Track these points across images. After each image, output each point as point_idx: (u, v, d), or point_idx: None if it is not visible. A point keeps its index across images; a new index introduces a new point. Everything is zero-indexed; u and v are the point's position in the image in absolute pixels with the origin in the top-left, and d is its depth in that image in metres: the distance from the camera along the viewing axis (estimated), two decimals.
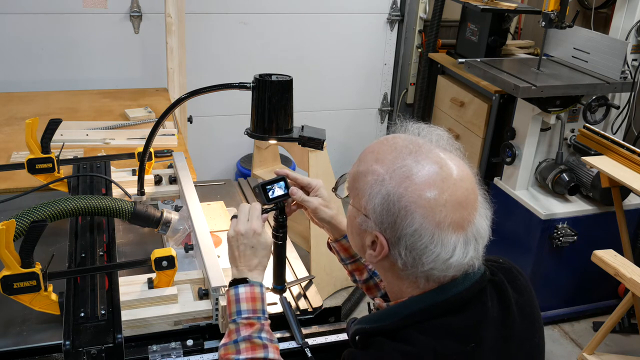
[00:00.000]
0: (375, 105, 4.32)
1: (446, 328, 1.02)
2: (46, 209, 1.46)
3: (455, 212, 1.00)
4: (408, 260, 1.01)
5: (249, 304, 1.22)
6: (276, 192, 1.39)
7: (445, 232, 0.99)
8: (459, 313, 1.03)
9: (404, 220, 0.99)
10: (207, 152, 3.89)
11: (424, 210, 0.98)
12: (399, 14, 4.08)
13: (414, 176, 1.00)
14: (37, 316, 1.36)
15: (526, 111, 3.04)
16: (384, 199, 1.01)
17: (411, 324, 1.03)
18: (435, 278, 1.03)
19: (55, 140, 1.84)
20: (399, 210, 0.99)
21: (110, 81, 3.49)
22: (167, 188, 1.89)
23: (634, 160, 2.65)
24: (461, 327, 1.03)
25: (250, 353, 1.17)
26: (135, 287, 1.41)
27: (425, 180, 1.00)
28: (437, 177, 1.01)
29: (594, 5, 3.50)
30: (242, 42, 3.79)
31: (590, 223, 3.04)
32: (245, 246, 1.28)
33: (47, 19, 3.39)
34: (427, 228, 0.98)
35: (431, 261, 1.00)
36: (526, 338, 1.11)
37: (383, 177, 1.02)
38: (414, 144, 1.05)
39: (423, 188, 0.99)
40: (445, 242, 0.99)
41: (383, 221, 1.02)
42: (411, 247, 1.00)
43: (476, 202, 1.04)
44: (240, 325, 1.20)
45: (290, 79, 1.48)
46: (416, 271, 1.02)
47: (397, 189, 1.00)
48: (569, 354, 3.02)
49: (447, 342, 1.00)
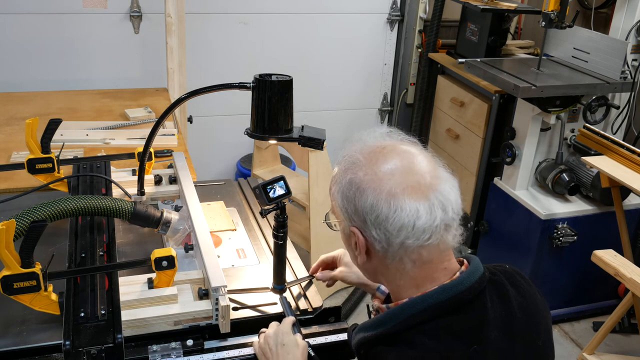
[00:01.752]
0: (375, 105, 4.32)
1: (449, 329, 1.02)
2: (46, 209, 1.46)
3: (406, 178, 1.03)
4: (382, 238, 1.03)
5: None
6: (277, 191, 1.39)
7: (401, 198, 1.01)
8: (460, 314, 1.03)
9: (360, 199, 1.04)
10: (207, 152, 3.89)
11: (373, 184, 1.03)
12: (399, 14, 4.08)
13: (357, 160, 1.07)
14: (37, 316, 1.36)
15: (526, 111, 3.04)
16: (342, 192, 1.08)
17: (413, 326, 1.03)
18: (415, 251, 1.03)
19: (55, 140, 1.84)
20: (354, 194, 1.05)
21: (110, 81, 3.49)
22: (167, 188, 1.89)
23: (634, 160, 2.65)
24: (464, 328, 1.02)
25: None
26: (135, 287, 1.41)
27: (369, 160, 1.06)
28: (379, 154, 1.06)
29: (594, 5, 3.50)
30: (242, 42, 3.79)
31: (590, 223, 3.04)
32: (275, 345, 1.26)
33: (47, 19, 3.39)
34: (380, 198, 1.02)
35: (398, 228, 1.01)
36: (530, 340, 1.10)
37: (336, 179, 1.10)
38: (359, 144, 1.11)
39: (368, 165, 1.05)
40: (404, 206, 1.01)
41: (348, 211, 1.07)
42: (376, 222, 1.03)
43: (434, 170, 1.06)
44: None
45: (290, 79, 1.48)
46: (394, 249, 1.03)
47: (345, 178, 1.07)
48: (569, 354, 3.02)
49: (451, 344, 1.00)
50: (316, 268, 1.55)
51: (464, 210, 1.09)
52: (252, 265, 1.66)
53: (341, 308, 1.50)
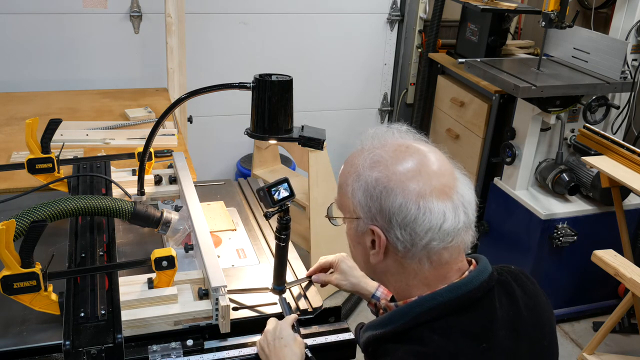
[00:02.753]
0: (375, 105, 4.32)
1: (458, 327, 1.02)
2: (46, 209, 1.46)
3: (433, 180, 1.02)
4: (406, 239, 1.02)
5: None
6: (281, 193, 1.38)
7: (429, 199, 1.01)
8: (470, 312, 1.04)
9: (387, 199, 1.02)
10: (207, 152, 3.89)
11: (402, 185, 1.01)
12: (399, 14, 4.08)
13: (383, 159, 1.05)
14: (37, 316, 1.36)
15: (526, 111, 3.04)
16: (364, 189, 1.05)
17: (423, 323, 1.03)
18: (437, 254, 1.03)
19: (55, 140, 1.84)
20: (380, 193, 1.03)
21: (110, 81, 3.49)
22: (167, 188, 1.89)
23: (634, 160, 2.65)
24: (473, 327, 1.03)
25: None
26: (135, 287, 1.41)
27: (395, 158, 1.04)
28: (405, 154, 1.05)
29: (594, 5, 3.50)
30: (242, 42, 3.79)
31: (590, 223, 3.04)
32: (273, 339, 1.27)
33: (47, 19, 3.39)
34: (410, 200, 1.01)
35: (426, 230, 1.01)
36: (536, 340, 1.10)
37: (357, 174, 1.07)
38: (379, 140, 1.10)
39: (395, 165, 1.03)
40: (432, 209, 1.01)
41: (371, 210, 1.04)
42: (403, 223, 1.02)
43: (453, 172, 1.06)
44: None
45: (290, 79, 1.48)
46: (417, 250, 1.03)
47: (371, 175, 1.04)
48: (569, 354, 3.02)
49: (461, 342, 1.01)
50: (314, 271, 1.56)
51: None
52: (252, 265, 1.66)
53: (341, 308, 1.50)
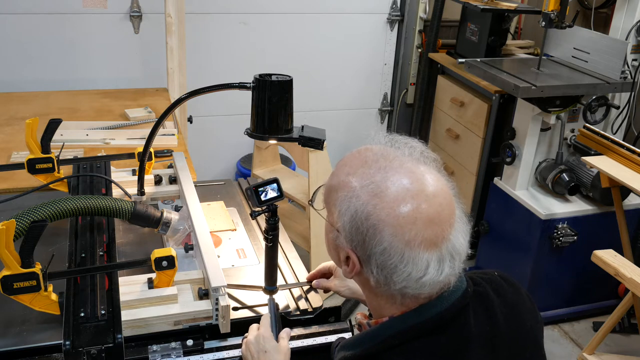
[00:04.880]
0: (375, 105, 4.32)
1: (427, 350, 0.99)
2: (46, 209, 1.46)
3: (427, 229, 0.96)
4: (380, 279, 0.98)
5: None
6: (269, 194, 1.39)
7: (416, 250, 0.95)
8: (439, 334, 1.00)
9: (373, 239, 0.96)
10: (207, 152, 3.89)
11: (392, 229, 0.95)
12: (399, 14, 4.08)
13: (382, 193, 0.97)
14: (37, 316, 1.36)
15: (526, 111, 3.04)
16: (352, 216, 0.99)
17: (390, 347, 1.00)
18: (411, 296, 1.00)
19: (55, 140, 1.84)
20: (367, 229, 0.97)
21: (110, 81, 3.49)
22: (167, 188, 1.89)
23: (634, 160, 2.66)
24: (444, 350, 1.00)
25: None
26: (135, 287, 1.41)
27: (394, 197, 0.97)
28: (407, 194, 0.97)
29: (594, 5, 3.50)
30: (242, 42, 3.79)
31: (590, 223, 3.04)
32: (257, 352, 1.25)
33: (47, 19, 3.39)
34: (396, 247, 0.95)
35: (402, 280, 0.97)
36: (516, 354, 1.08)
37: (352, 194, 1.00)
38: (385, 158, 1.02)
39: (392, 206, 0.96)
40: (416, 260, 0.96)
41: (353, 239, 0.99)
42: (382, 265, 0.97)
43: (452, 218, 1.00)
44: None
45: (290, 79, 1.48)
46: (389, 289, 0.99)
47: (365, 206, 0.97)
48: (569, 354, 3.02)
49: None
50: (314, 275, 1.54)
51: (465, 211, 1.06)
52: (252, 265, 1.66)
53: (341, 308, 1.50)
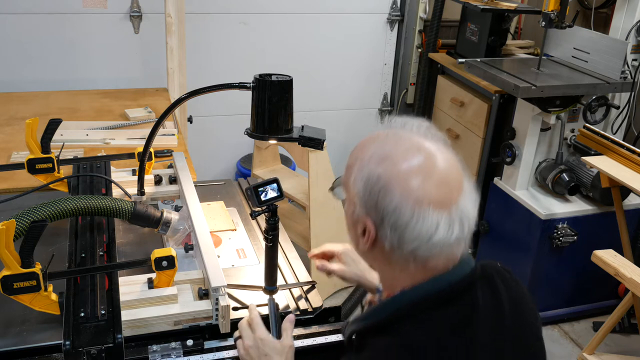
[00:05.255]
0: (375, 105, 4.32)
1: (440, 320, 1.03)
2: (46, 209, 1.46)
3: (435, 190, 1.00)
4: (394, 240, 1.02)
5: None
6: (269, 194, 1.39)
7: (426, 208, 0.99)
8: (451, 305, 1.04)
9: (384, 198, 1.01)
10: (207, 152, 3.89)
11: (402, 188, 1.00)
12: (399, 14, 4.08)
13: (391, 157, 1.03)
14: (37, 316, 1.36)
15: (526, 111, 3.04)
16: (365, 182, 1.04)
17: (403, 316, 1.04)
18: (423, 260, 1.03)
19: (55, 140, 1.84)
20: (379, 190, 1.02)
21: (110, 81, 3.49)
22: (167, 188, 1.89)
23: (634, 160, 2.66)
24: (455, 319, 1.03)
25: None
26: (135, 287, 1.41)
27: (403, 159, 1.02)
28: (415, 156, 1.03)
29: (594, 5, 3.50)
30: (242, 42, 3.79)
31: (590, 223, 3.04)
32: (259, 357, 1.25)
33: (47, 19, 3.39)
34: (406, 204, 0.99)
35: (414, 239, 1.00)
36: (519, 338, 1.11)
37: (364, 164, 1.05)
38: (394, 134, 1.08)
39: (400, 167, 1.01)
40: (426, 218, 0.99)
41: (367, 203, 1.03)
42: (394, 225, 1.01)
43: (460, 184, 1.04)
44: None
45: (290, 79, 1.48)
46: (402, 252, 1.03)
47: (376, 169, 1.03)
48: (569, 354, 3.02)
49: (440, 334, 1.01)
50: (317, 256, 1.55)
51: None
52: (252, 265, 1.66)
53: (341, 308, 1.50)
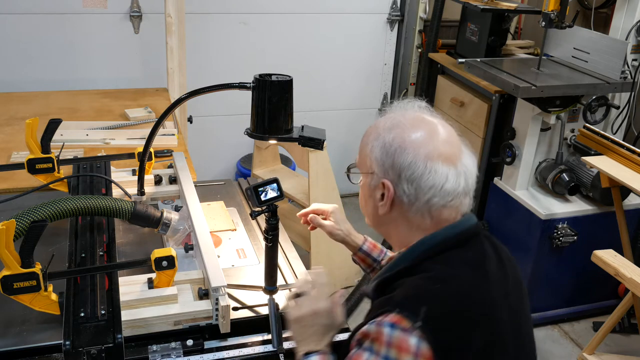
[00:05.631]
0: (375, 105, 4.32)
1: (457, 259, 1.18)
2: (46, 209, 1.46)
3: (442, 146, 1.18)
4: (412, 193, 1.18)
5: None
6: (269, 194, 1.39)
7: (436, 162, 1.17)
8: (464, 249, 1.20)
9: (400, 157, 1.18)
10: (207, 152, 3.89)
11: (414, 145, 1.18)
12: (399, 14, 4.08)
13: (401, 123, 1.21)
14: (37, 316, 1.36)
15: (526, 111, 3.04)
16: (381, 147, 1.21)
17: (426, 258, 1.18)
18: (436, 210, 1.19)
19: (55, 140, 1.84)
20: (394, 150, 1.18)
21: (110, 81, 3.49)
22: (167, 188, 1.89)
23: (634, 160, 2.66)
24: (470, 258, 1.19)
25: None
26: (135, 287, 1.41)
27: (412, 125, 1.21)
28: (421, 122, 1.22)
29: (594, 5, 3.50)
30: (242, 42, 3.79)
31: (590, 223, 3.04)
32: (321, 324, 1.30)
33: (46, 19, 3.39)
34: (419, 159, 1.17)
35: (429, 188, 1.17)
36: (518, 285, 1.26)
37: (377, 134, 1.23)
38: (400, 109, 1.27)
39: (410, 130, 1.20)
40: (437, 170, 1.16)
41: (384, 165, 1.20)
42: (410, 178, 1.17)
43: (460, 146, 1.22)
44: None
45: (290, 79, 1.49)
46: (420, 204, 1.18)
47: (389, 135, 1.20)
48: (569, 354, 3.02)
49: (461, 269, 1.17)
50: (307, 213, 1.64)
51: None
52: (252, 265, 1.66)
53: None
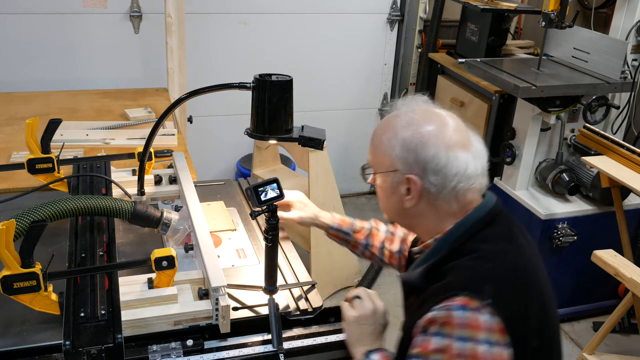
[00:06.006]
0: (375, 105, 4.32)
1: (493, 234, 1.27)
2: (46, 209, 1.46)
3: (455, 134, 1.27)
4: (438, 183, 1.25)
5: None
6: (269, 194, 1.39)
7: (455, 150, 1.25)
8: (495, 224, 1.29)
9: (423, 151, 1.25)
10: (207, 152, 3.89)
11: (433, 138, 1.26)
12: (399, 14, 4.08)
13: (415, 119, 1.29)
14: (37, 316, 1.36)
15: (526, 111, 3.04)
16: (402, 145, 1.27)
17: (465, 240, 1.26)
18: (462, 195, 1.27)
19: (55, 140, 1.84)
20: (416, 146, 1.26)
21: (110, 81, 3.49)
22: (167, 188, 1.89)
23: (634, 160, 2.66)
24: (503, 233, 1.29)
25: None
26: (135, 287, 1.41)
27: (424, 120, 1.29)
28: (432, 115, 1.31)
29: (594, 5, 3.50)
30: (242, 42, 3.79)
31: (590, 223, 3.04)
32: (379, 324, 1.40)
33: (47, 19, 3.39)
34: (441, 150, 1.25)
35: (454, 175, 1.25)
36: (538, 255, 1.34)
37: (393, 133, 1.29)
38: (406, 106, 1.35)
39: (425, 125, 1.28)
40: (458, 157, 1.25)
41: (408, 161, 1.27)
42: (436, 169, 1.25)
43: (467, 131, 1.32)
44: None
45: (290, 79, 1.48)
46: (447, 192, 1.26)
47: (407, 133, 1.28)
48: (569, 354, 3.02)
49: (500, 244, 1.26)
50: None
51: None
52: (252, 265, 1.66)
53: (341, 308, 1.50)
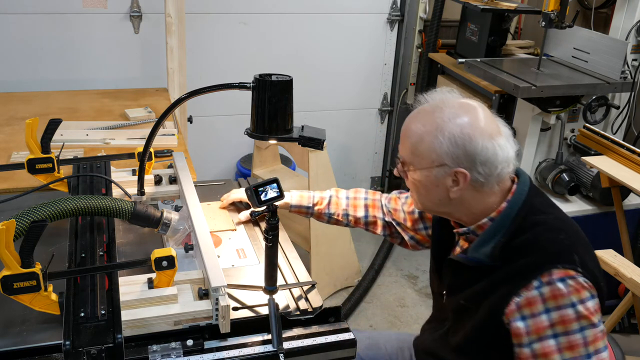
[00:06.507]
0: (375, 105, 4.32)
1: (545, 203, 1.41)
2: (46, 209, 1.46)
3: (491, 125, 1.36)
4: (486, 172, 1.34)
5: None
6: (269, 194, 1.39)
7: (497, 138, 1.34)
8: (539, 194, 1.42)
9: (470, 144, 1.32)
10: (207, 152, 3.89)
11: (477, 131, 1.33)
12: (399, 14, 4.08)
13: (455, 114, 1.35)
14: (37, 316, 1.36)
15: (526, 111, 3.04)
16: (449, 140, 1.33)
17: (525, 214, 1.36)
18: (503, 178, 1.37)
19: (55, 140, 1.84)
20: (462, 140, 1.32)
21: (110, 81, 3.49)
22: (167, 188, 1.89)
23: (634, 160, 2.66)
24: (544, 199, 1.42)
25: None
26: (135, 287, 1.41)
27: (462, 113, 1.35)
28: (468, 107, 1.38)
29: (594, 5, 3.50)
30: (242, 42, 3.79)
31: (590, 223, 3.03)
32: None
33: (47, 19, 3.39)
34: (486, 141, 1.33)
35: (499, 162, 1.34)
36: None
37: (437, 130, 1.34)
38: (439, 99, 1.41)
39: (465, 118, 1.34)
40: (500, 144, 1.34)
41: (457, 155, 1.33)
42: (484, 161, 1.33)
43: (493, 116, 1.40)
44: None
45: (290, 79, 1.48)
46: (492, 179, 1.35)
47: (452, 128, 1.33)
48: None
49: (554, 211, 1.39)
50: (226, 205, 1.87)
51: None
52: (252, 265, 1.66)
53: (341, 308, 1.50)
